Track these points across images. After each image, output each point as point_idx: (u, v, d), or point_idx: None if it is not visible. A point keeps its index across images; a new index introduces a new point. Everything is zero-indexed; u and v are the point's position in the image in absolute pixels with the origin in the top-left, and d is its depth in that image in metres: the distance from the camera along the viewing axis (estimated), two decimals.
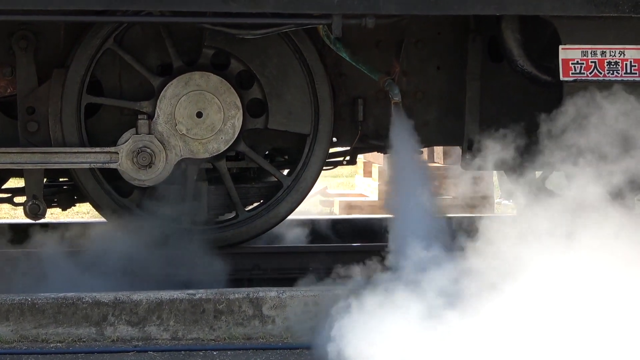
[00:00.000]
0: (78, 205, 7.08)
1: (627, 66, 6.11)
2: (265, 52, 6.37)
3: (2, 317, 5.33)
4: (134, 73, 6.36)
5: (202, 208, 6.54)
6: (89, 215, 7.40)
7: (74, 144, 6.25)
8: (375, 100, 6.64)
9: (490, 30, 6.35)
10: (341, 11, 5.80)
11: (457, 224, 6.78)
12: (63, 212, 7.08)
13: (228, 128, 6.32)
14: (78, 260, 6.42)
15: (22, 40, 6.20)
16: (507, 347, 4.59)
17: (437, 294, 5.22)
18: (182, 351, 5.24)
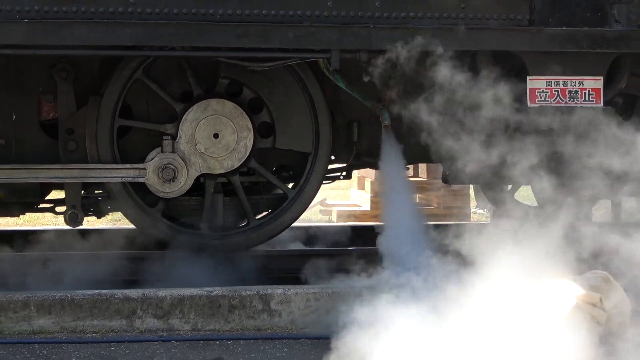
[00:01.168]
0: (111, 214, 6.99)
1: (586, 94, 6.11)
2: (273, 82, 6.34)
3: (45, 311, 5.32)
4: (160, 100, 6.33)
5: (218, 216, 6.48)
6: (120, 222, 7.36)
7: (107, 161, 6.22)
8: (368, 123, 6.60)
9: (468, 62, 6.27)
10: (339, 47, 5.82)
11: (436, 230, 6.72)
12: (98, 219, 6.98)
13: (241, 147, 6.28)
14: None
15: (63, 71, 6.18)
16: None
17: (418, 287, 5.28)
18: (200, 340, 5.23)
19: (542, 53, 6.01)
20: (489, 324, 4.59)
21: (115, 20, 5.60)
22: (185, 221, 6.54)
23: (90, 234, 7.37)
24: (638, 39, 6.04)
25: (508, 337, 4.50)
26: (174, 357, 4.89)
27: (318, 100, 6.39)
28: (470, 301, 4.77)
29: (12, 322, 5.26)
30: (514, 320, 4.63)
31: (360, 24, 5.80)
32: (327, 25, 5.77)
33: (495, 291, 4.80)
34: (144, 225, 6.44)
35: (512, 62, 6.13)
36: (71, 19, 5.56)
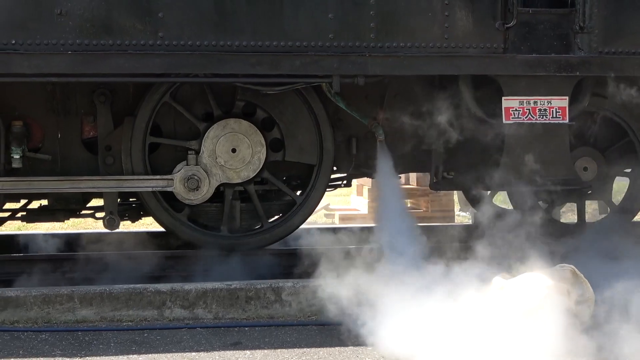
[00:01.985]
0: (143, 219, 6.99)
1: (554, 112, 6.10)
2: (283, 103, 6.34)
3: (87, 303, 5.33)
4: (185, 120, 6.33)
5: (236, 220, 6.49)
6: (152, 226, 7.35)
7: (140, 173, 6.22)
8: (365, 139, 6.59)
9: (451, 85, 6.29)
10: (339, 73, 5.82)
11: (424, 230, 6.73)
12: (132, 223, 6.98)
13: (255, 160, 6.28)
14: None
15: (101, 96, 6.18)
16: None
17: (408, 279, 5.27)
18: (221, 328, 5.22)
19: (515, 76, 5.99)
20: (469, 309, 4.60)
21: (146, 52, 5.61)
22: (208, 224, 6.52)
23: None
24: (598, 64, 6.04)
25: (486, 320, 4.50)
26: (199, 342, 4.89)
27: (322, 119, 6.39)
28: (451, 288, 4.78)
29: (59, 313, 5.26)
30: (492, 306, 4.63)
31: (358, 53, 5.79)
32: (329, 54, 5.77)
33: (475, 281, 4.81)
34: (172, 228, 6.43)
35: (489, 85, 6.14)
36: (108, 51, 5.57)
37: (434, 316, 4.69)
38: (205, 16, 5.64)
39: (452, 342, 4.45)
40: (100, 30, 5.56)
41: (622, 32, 6.04)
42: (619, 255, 6.34)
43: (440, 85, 6.40)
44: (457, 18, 5.88)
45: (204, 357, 4.60)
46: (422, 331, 4.63)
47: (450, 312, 4.70)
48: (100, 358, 4.57)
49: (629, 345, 4.49)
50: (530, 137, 6.09)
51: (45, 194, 6.44)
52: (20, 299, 5.24)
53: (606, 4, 5.98)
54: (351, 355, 4.64)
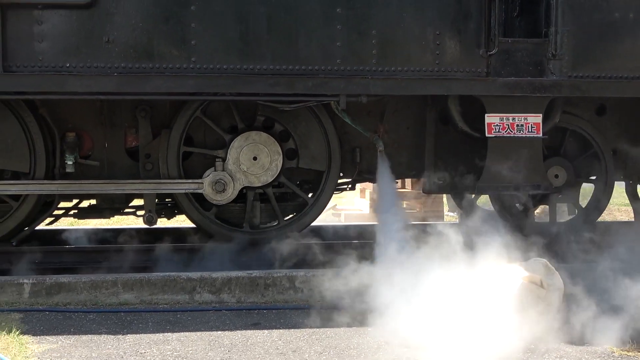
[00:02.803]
0: (177, 216, 7.02)
1: (529, 127, 6.12)
2: (297, 118, 6.36)
3: (128, 288, 5.36)
4: (213, 132, 6.35)
5: (256, 218, 6.51)
6: (184, 222, 7.37)
7: (175, 177, 6.24)
8: (367, 149, 6.58)
9: (441, 104, 6.31)
10: (345, 92, 5.84)
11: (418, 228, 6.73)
12: (168, 220, 7.01)
13: (273, 167, 6.30)
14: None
15: (142, 111, 6.20)
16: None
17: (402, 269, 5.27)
18: (243, 310, 5.25)
19: (496, 96, 6.00)
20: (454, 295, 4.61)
21: (181, 74, 5.65)
22: (232, 221, 6.51)
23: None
24: (567, 86, 6.05)
25: (468, 307, 4.51)
26: (224, 322, 4.92)
27: (330, 132, 6.39)
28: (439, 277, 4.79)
29: (104, 297, 5.30)
30: (474, 294, 4.64)
31: (361, 76, 5.82)
32: (336, 77, 5.80)
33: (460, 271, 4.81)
34: (202, 224, 6.44)
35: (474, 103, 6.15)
36: (149, 73, 5.62)
37: (423, 301, 4.71)
38: (231, 44, 5.68)
39: (439, 324, 4.46)
40: (142, 55, 5.61)
41: (588, 60, 6.05)
42: (585, 249, 6.36)
43: (432, 103, 6.43)
44: (447, 46, 5.91)
45: (228, 335, 4.63)
46: (413, 314, 4.65)
47: (438, 298, 4.71)
48: (140, 335, 4.59)
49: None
50: (509, 149, 6.10)
51: (93, 195, 6.47)
52: (72, 284, 5.29)
53: (574, 36, 5.99)
54: (354, 334, 4.66)
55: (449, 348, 4.22)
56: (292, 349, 4.37)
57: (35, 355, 4.19)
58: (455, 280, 4.75)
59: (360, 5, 5.75)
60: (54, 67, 5.53)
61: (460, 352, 4.17)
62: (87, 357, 4.19)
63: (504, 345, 4.31)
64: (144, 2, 5.56)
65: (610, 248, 6.22)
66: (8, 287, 5.22)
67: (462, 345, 4.25)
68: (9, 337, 4.47)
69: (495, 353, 4.20)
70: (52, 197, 6.30)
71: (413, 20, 5.82)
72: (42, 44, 5.51)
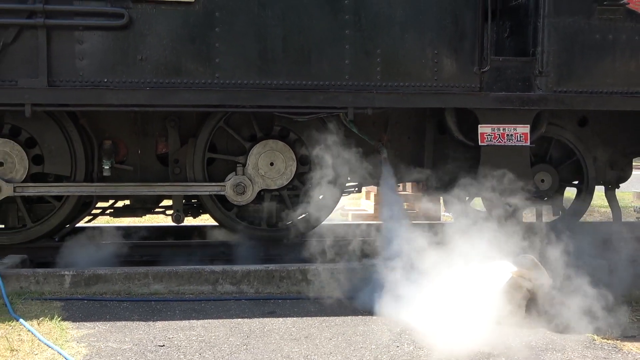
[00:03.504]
0: (202, 215, 7.01)
1: (518, 137, 6.07)
2: (310, 128, 6.31)
3: (158, 280, 5.36)
4: (235, 140, 6.33)
5: (272, 217, 6.49)
6: (208, 221, 7.36)
7: (200, 180, 6.23)
8: (372, 156, 6.50)
9: (439, 115, 6.28)
10: (353, 105, 5.82)
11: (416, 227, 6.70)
12: (194, 219, 6.99)
13: (288, 172, 6.28)
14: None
15: (172, 122, 6.21)
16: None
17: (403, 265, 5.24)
18: (260, 300, 5.23)
19: (488, 109, 5.97)
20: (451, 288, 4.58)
21: (206, 89, 5.64)
22: (251, 220, 6.49)
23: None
24: (553, 100, 6.01)
25: (464, 298, 4.48)
26: (243, 310, 4.91)
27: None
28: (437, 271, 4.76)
29: (137, 287, 5.30)
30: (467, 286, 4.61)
31: (367, 90, 5.80)
32: (345, 91, 5.78)
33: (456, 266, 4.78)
34: (224, 223, 6.43)
35: (468, 115, 6.12)
36: (177, 88, 5.61)
37: (423, 292, 4.68)
38: (251, 62, 5.67)
39: (437, 313, 4.44)
40: (171, 71, 5.61)
41: (571, 76, 6.01)
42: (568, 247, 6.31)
43: (430, 115, 6.39)
44: (444, 64, 5.87)
45: (247, 322, 4.62)
46: (413, 304, 4.62)
47: (436, 290, 4.68)
48: (168, 322, 4.59)
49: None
50: (500, 156, 6.06)
51: (128, 196, 6.47)
52: (108, 276, 5.29)
53: (559, 55, 5.96)
54: (361, 322, 4.63)
55: (446, 333, 4.18)
56: (304, 335, 4.35)
57: (75, 339, 4.19)
58: (452, 274, 4.72)
59: (366, 28, 5.73)
60: (93, 82, 5.54)
61: (456, 337, 4.14)
62: (120, 341, 4.18)
63: (494, 332, 4.28)
64: (173, 24, 5.56)
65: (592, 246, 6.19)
66: (51, 278, 5.23)
67: (458, 330, 4.22)
68: (51, 323, 4.47)
69: (486, 338, 4.16)
70: (91, 197, 6.30)
71: (414, 40, 5.79)
72: (82, 61, 5.52)
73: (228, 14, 5.58)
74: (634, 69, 6.06)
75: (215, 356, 3.94)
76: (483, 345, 4.11)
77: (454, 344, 4.06)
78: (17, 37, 5.46)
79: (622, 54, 6.03)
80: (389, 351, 4.05)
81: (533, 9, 6.01)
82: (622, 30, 6.00)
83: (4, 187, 5.86)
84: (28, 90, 5.47)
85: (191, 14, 5.55)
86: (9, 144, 5.91)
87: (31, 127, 5.96)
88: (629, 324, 4.65)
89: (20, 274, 5.24)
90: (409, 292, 4.78)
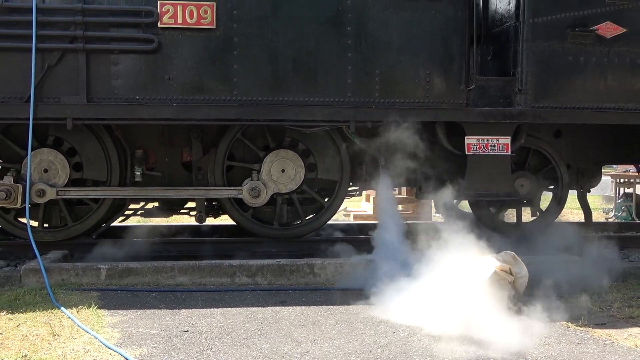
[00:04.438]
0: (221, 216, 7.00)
1: (500, 147, 6.06)
2: (316, 139, 6.33)
3: (183, 273, 5.34)
4: (250, 150, 6.33)
5: (283, 217, 6.48)
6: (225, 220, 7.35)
7: (220, 185, 6.23)
8: (371, 163, 6.54)
9: (430, 128, 6.25)
10: (354, 119, 5.82)
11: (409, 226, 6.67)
12: (214, 219, 6.99)
13: (297, 177, 6.26)
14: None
15: (195, 133, 6.22)
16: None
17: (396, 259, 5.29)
18: (273, 290, 5.19)
19: (474, 122, 5.95)
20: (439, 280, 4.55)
21: (226, 105, 5.64)
22: (264, 220, 6.49)
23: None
24: (531, 114, 5.99)
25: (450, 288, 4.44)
26: (258, 300, 4.88)
27: (342, 150, 6.36)
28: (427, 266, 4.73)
29: (164, 279, 5.28)
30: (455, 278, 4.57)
31: (367, 106, 5.79)
32: (348, 107, 5.77)
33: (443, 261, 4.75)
34: (241, 223, 6.42)
35: (456, 128, 6.09)
36: (200, 104, 5.62)
37: (415, 285, 4.65)
38: (265, 81, 5.67)
39: (428, 303, 4.40)
40: (195, 89, 5.61)
41: (547, 94, 5.99)
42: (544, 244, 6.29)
43: (423, 128, 6.37)
44: (435, 83, 5.86)
45: (261, 310, 4.59)
46: (407, 295, 4.60)
47: (427, 282, 4.65)
48: (192, 310, 4.57)
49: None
50: (484, 164, 6.04)
51: (157, 199, 6.47)
52: (139, 269, 5.27)
53: (536, 75, 5.93)
54: (361, 310, 4.60)
55: (436, 321, 4.16)
56: (311, 322, 4.32)
57: (109, 325, 4.18)
58: (441, 268, 4.69)
59: (366, 51, 5.72)
60: (127, 99, 5.55)
61: (445, 324, 4.11)
62: (150, 327, 4.17)
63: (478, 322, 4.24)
64: (196, 48, 5.56)
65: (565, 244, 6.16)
66: (89, 271, 5.22)
67: (447, 319, 4.19)
68: (89, 311, 4.46)
69: (471, 327, 4.13)
70: (124, 200, 6.32)
71: (408, 62, 5.79)
72: (117, 81, 5.53)
73: (245, 39, 5.59)
74: (602, 87, 6.03)
75: (233, 340, 3.92)
76: (469, 330, 4.08)
77: (444, 329, 4.04)
78: (60, 60, 5.49)
79: (592, 74, 6.00)
80: (386, 336, 4.02)
81: (513, 35, 6.00)
82: (592, 53, 5.98)
83: (48, 191, 5.87)
84: (70, 106, 5.49)
85: (212, 39, 5.56)
86: (53, 153, 5.94)
87: (72, 138, 5.99)
88: (598, 313, 4.61)
89: (62, 267, 5.24)
90: (404, 285, 4.75)
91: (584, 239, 6.46)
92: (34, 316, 4.32)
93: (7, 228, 6.17)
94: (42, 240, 6.02)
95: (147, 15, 5.50)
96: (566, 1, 5.89)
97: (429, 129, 6.32)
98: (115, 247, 6.20)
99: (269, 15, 5.60)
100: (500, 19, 6.34)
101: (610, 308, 4.71)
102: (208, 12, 5.52)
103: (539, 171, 6.77)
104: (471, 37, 5.85)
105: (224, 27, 5.56)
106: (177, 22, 5.50)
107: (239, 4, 5.56)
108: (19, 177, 5.85)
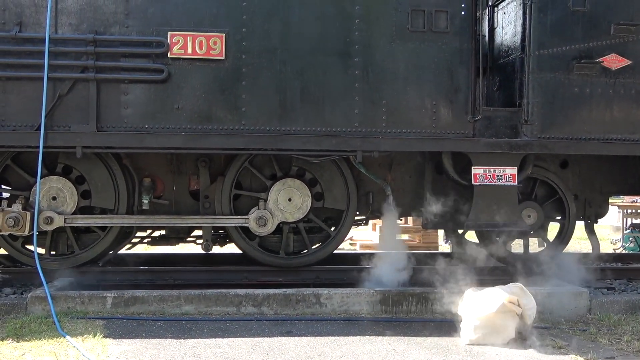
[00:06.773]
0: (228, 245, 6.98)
1: (507, 177, 6.04)
2: (323, 168, 6.33)
3: (189, 301, 5.32)
4: (257, 178, 6.34)
5: (290, 246, 6.46)
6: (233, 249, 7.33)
7: (227, 214, 6.22)
8: (378, 193, 6.53)
9: (436, 158, 6.28)
10: (361, 149, 5.83)
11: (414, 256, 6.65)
12: (221, 247, 6.98)
13: (304, 206, 6.25)
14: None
15: (203, 162, 6.23)
16: None
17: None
18: (279, 320, 5.16)
19: (480, 153, 5.95)
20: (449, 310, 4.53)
21: (233, 134, 5.67)
22: (271, 249, 6.46)
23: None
24: (537, 145, 5.99)
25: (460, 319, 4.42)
26: (264, 330, 4.85)
27: (349, 179, 6.35)
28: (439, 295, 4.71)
29: (170, 308, 5.26)
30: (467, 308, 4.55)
31: (374, 136, 5.80)
32: (354, 136, 5.78)
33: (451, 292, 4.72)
34: (247, 251, 6.39)
35: (463, 158, 6.11)
36: (208, 133, 5.65)
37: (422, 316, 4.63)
38: (272, 110, 5.71)
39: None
40: (203, 119, 5.65)
41: (553, 124, 6.00)
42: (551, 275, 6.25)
43: (429, 158, 6.40)
44: (441, 113, 5.88)
45: (267, 340, 4.56)
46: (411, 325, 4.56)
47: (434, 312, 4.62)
48: (197, 340, 4.55)
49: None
50: (491, 194, 6.03)
51: (164, 227, 6.47)
52: (145, 298, 5.26)
53: (542, 105, 5.95)
54: (367, 342, 4.57)
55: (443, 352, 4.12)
56: (317, 353, 4.29)
57: (115, 354, 4.16)
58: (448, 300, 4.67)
59: (373, 81, 5.77)
60: (136, 127, 5.60)
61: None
62: (155, 356, 4.14)
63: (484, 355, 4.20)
64: (205, 77, 5.62)
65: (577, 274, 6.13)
66: (94, 299, 5.21)
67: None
68: (94, 339, 4.44)
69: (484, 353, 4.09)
70: (131, 228, 6.32)
71: (415, 93, 5.82)
72: (127, 110, 5.59)
73: (253, 69, 5.65)
74: (608, 118, 6.04)
75: None
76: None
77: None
78: (71, 89, 5.55)
79: (597, 105, 6.02)
80: None
81: (519, 66, 6.04)
82: (597, 85, 6.00)
83: (56, 219, 5.89)
84: (80, 135, 5.55)
85: (221, 69, 5.63)
86: (62, 180, 5.97)
87: (81, 166, 6.02)
88: (607, 346, 4.56)
89: (68, 295, 5.23)
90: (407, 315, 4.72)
91: (591, 270, 6.41)
92: (40, 344, 4.31)
93: (14, 255, 6.18)
94: (49, 267, 6.02)
95: (157, 45, 5.59)
96: (571, 34, 5.94)
97: (435, 159, 6.34)
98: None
99: (277, 47, 5.66)
100: (506, 50, 6.40)
101: (620, 341, 4.65)
102: (217, 43, 5.60)
103: (546, 202, 6.75)
104: (477, 68, 5.89)
105: (233, 57, 5.63)
106: (186, 53, 5.57)
107: (248, 35, 5.64)
108: (27, 204, 5.88)
